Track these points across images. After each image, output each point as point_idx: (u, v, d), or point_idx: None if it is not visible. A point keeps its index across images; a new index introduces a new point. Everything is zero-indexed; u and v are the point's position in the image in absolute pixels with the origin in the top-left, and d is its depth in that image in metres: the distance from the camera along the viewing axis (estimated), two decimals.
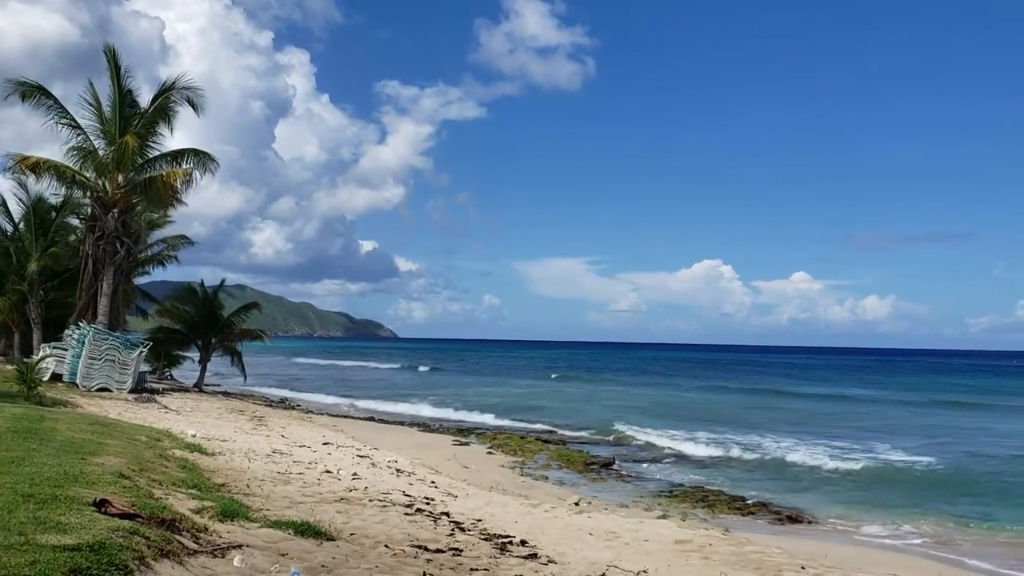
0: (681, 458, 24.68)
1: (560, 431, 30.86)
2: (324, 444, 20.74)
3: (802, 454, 25.56)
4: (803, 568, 10.77)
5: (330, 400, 43.32)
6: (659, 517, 15.41)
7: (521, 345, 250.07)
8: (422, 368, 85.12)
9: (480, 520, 12.22)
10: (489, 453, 24.58)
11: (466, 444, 26.18)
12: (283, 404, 37.59)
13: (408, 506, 12.59)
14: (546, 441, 27.67)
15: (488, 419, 35.21)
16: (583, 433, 30.36)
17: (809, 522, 16.33)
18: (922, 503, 18.05)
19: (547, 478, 20.60)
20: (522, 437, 28.26)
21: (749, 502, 18.09)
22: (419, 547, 9.52)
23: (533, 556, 10.05)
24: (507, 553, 10.04)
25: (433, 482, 16.49)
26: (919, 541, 14.87)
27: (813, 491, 19.47)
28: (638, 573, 9.69)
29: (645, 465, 23.17)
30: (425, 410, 38.65)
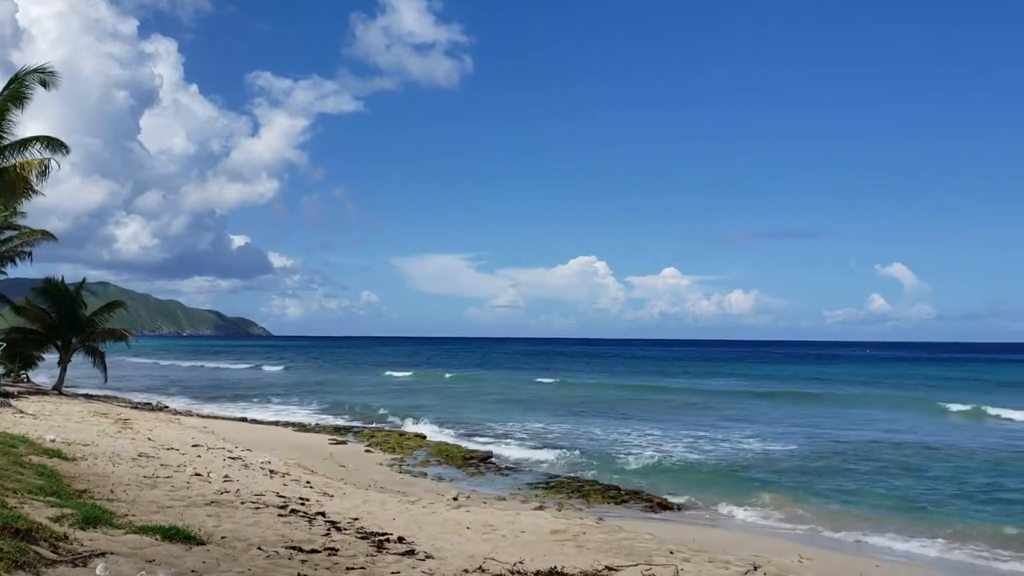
0: (556, 450, 25.13)
1: (440, 427, 30.84)
2: (194, 446, 20.06)
3: (672, 444, 26.53)
4: (672, 553, 11.19)
5: (198, 401, 41.88)
6: (536, 508, 15.69)
7: (400, 341, 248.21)
8: (292, 367, 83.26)
9: (357, 519, 12.13)
10: (367, 451, 24.35)
11: (343, 443, 25.84)
12: (149, 406, 36.11)
13: (282, 507, 12.36)
14: (425, 437, 27.64)
15: (361, 421, 34.83)
16: (461, 428, 30.46)
17: (679, 508, 16.97)
18: (782, 488, 19.00)
19: (426, 474, 20.61)
20: (400, 434, 28.13)
21: (622, 491, 18.62)
22: (294, 548, 9.38)
23: (411, 552, 10.06)
24: (384, 551, 10.02)
25: (308, 482, 16.23)
26: (780, 524, 15.67)
27: (681, 479, 20.17)
28: (515, 564, 9.84)
29: (522, 458, 23.47)
30: (298, 411, 37.91)
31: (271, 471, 17.21)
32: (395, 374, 66.30)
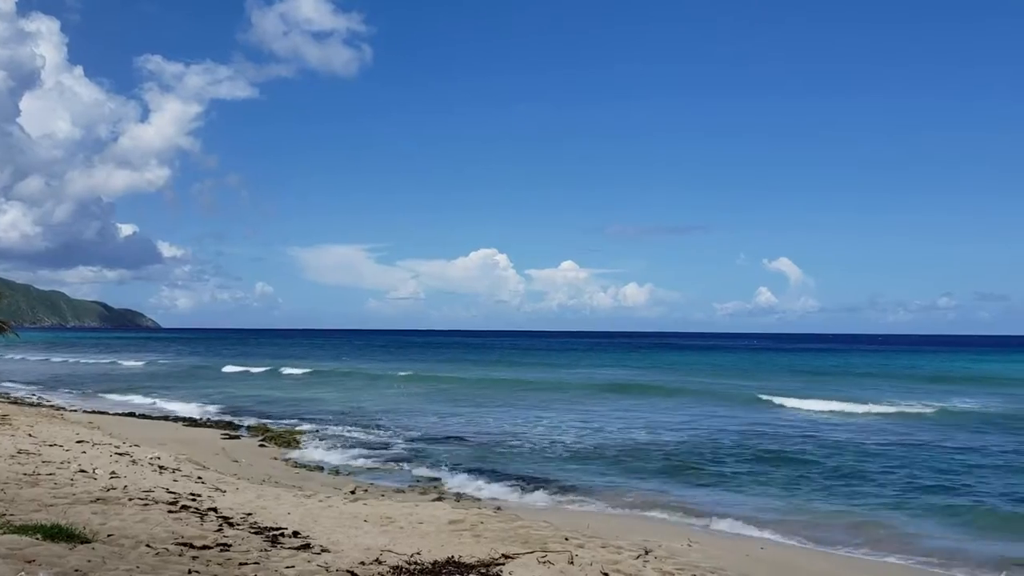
0: (458, 438, 25.22)
1: (338, 421, 30.50)
2: (78, 442, 19.29)
3: (568, 433, 26.99)
4: (567, 539, 11.42)
5: (83, 396, 40.23)
6: (435, 500, 15.73)
7: (296, 334, 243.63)
8: (182, 359, 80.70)
9: (251, 514, 11.92)
10: (261, 446, 23.88)
11: (236, 438, 25.27)
12: (31, 402, 34.46)
13: (173, 503, 12.05)
14: (321, 430, 27.26)
15: (255, 416, 34.15)
16: (359, 421, 30.19)
17: (576, 496, 17.27)
18: (672, 476, 19.62)
19: (323, 468, 20.37)
20: (296, 428, 27.68)
21: (522, 478, 18.86)
22: (184, 544, 9.17)
23: (306, 546, 9.97)
24: (279, 545, 9.89)
25: (200, 477, 15.84)
26: (672, 511, 16.15)
27: (579, 467, 20.57)
28: (412, 555, 9.87)
29: (423, 449, 23.45)
30: (189, 405, 36.84)
31: (161, 467, 16.72)
32: (290, 368, 65.05)
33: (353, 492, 16.34)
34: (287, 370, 62.49)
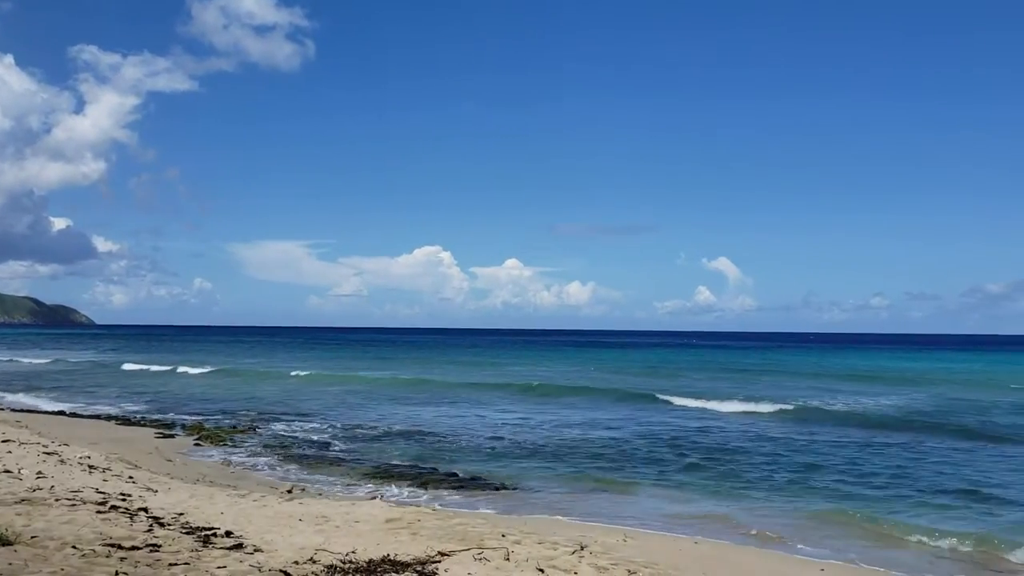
0: (396, 437, 25.10)
1: (276, 419, 30.13)
2: (3, 441, 18.72)
3: (507, 430, 27.09)
4: (504, 536, 11.46)
5: (10, 393, 39.03)
6: (372, 498, 15.66)
7: (236, 331, 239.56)
8: (116, 356, 78.76)
9: (182, 514, 11.72)
10: (196, 444, 23.47)
11: (171, 437, 24.78)
12: None
13: (102, 503, 11.78)
14: (259, 429, 26.92)
15: (192, 411, 33.56)
16: (298, 419, 29.87)
17: (513, 493, 17.35)
18: (611, 472, 19.84)
19: (259, 467, 20.11)
20: (233, 427, 27.27)
21: (460, 477, 18.88)
22: (112, 545, 8.99)
23: (239, 546, 9.84)
24: (210, 545, 9.75)
25: (131, 477, 15.51)
26: (608, 506, 16.34)
27: (517, 464, 20.67)
28: (347, 554, 9.82)
29: (361, 446, 23.30)
30: (121, 403, 36.04)
31: (91, 466, 16.32)
32: (230, 364, 63.97)
33: (290, 491, 16.17)
34: (227, 364, 61.50)
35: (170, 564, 8.52)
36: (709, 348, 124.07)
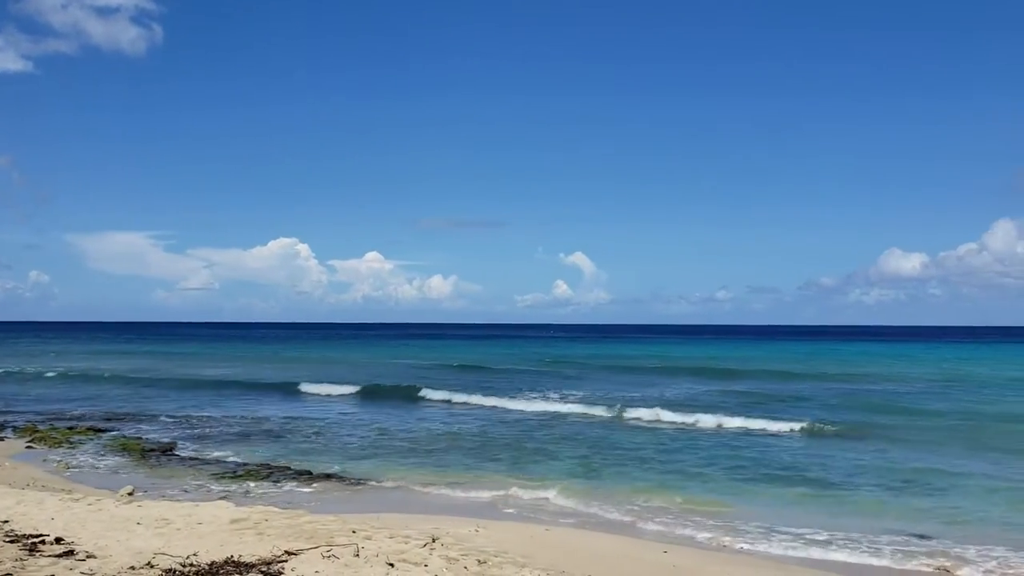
0: (247, 436, 24.39)
1: (119, 418, 28.67)
2: None
3: (362, 427, 26.84)
4: (354, 532, 11.34)
5: None
6: (221, 498, 15.15)
7: (76, 327, 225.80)
8: None
9: (7, 521, 11.00)
10: (28, 447, 22.07)
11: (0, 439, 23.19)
12: None
13: None
14: (99, 430, 25.54)
15: (25, 413, 31.53)
16: (143, 419, 28.53)
17: (368, 489, 17.21)
18: (465, 465, 20.01)
19: (98, 469, 19.13)
20: (70, 428, 25.77)
21: (314, 474, 18.55)
22: None
23: (69, 553, 9.32)
24: (38, 553, 9.20)
25: None
26: (463, 499, 16.48)
27: (373, 460, 20.51)
28: (187, 557, 9.46)
29: (209, 446, 22.52)
30: None
31: None
32: (68, 362, 60.32)
33: (131, 493, 15.46)
34: (66, 361, 57.92)
35: None
36: (565, 340, 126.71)
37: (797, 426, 25.93)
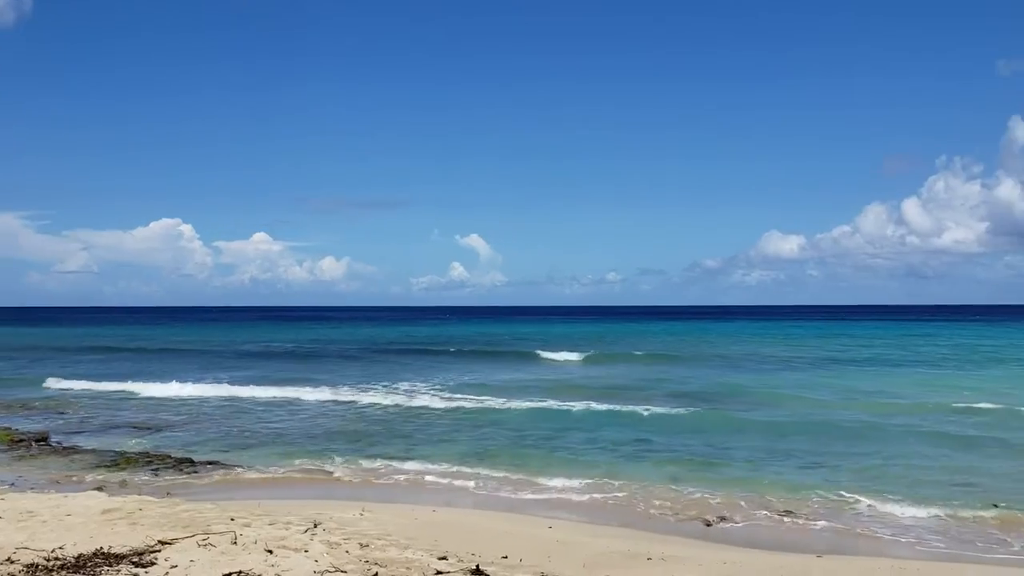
0: (125, 426, 23.52)
1: None
2: None
3: (246, 414, 26.28)
4: (233, 519, 11.13)
5: None
6: (96, 489, 14.61)
7: None
8: None
9: None
10: None
11: None
12: None
13: None
14: None
15: None
16: (11, 409, 27.13)
17: (250, 476, 16.86)
18: (347, 450, 19.87)
19: None
20: None
21: (195, 462, 18.07)
22: None
23: None
24: None
25: None
26: (352, 483, 16.38)
27: (259, 447, 20.11)
28: (53, 550, 9.10)
29: (86, 435, 21.63)
30: None
31: None
32: None
33: None
34: None
35: None
36: (461, 323, 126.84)
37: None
